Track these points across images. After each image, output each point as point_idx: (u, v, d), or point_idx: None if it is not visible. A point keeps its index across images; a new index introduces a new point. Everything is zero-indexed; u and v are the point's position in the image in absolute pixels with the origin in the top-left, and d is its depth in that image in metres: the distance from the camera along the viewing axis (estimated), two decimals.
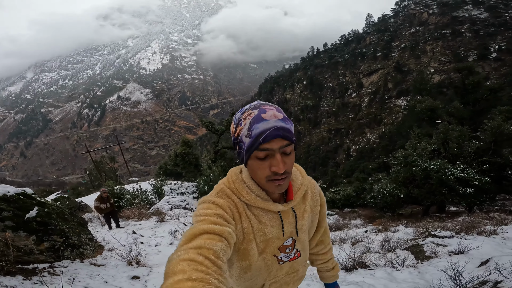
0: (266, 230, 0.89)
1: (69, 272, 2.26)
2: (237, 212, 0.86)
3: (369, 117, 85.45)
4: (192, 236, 0.69)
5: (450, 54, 74.54)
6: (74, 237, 2.71)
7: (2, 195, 2.39)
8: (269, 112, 0.77)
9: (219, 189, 0.89)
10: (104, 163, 30.56)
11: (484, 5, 79.12)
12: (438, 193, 8.95)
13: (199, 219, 0.76)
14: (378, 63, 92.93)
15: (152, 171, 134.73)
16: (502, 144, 9.37)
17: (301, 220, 0.96)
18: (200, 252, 0.62)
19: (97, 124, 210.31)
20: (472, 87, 13.82)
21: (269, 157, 0.77)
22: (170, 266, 0.58)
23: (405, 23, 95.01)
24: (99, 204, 6.58)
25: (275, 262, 0.96)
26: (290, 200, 0.90)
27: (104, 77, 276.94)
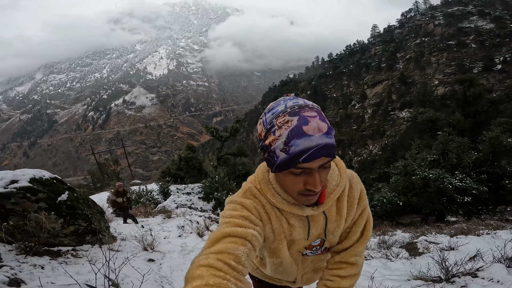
0: (294, 232, 0.86)
1: (90, 255, 2.49)
2: (265, 213, 0.82)
3: (372, 128, 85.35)
4: (215, 240, 0.67)
5: (455, 65, 74.27)
6: (95, 223, 2.97)
7: (39, 178, 2.67)
8: (312, 124, 0.65)
9: (247, 188, 0.84)
10: (108, 165, 30.91)
11: (490, 16, 79.18)
12: (437, 201, 9.13)
13: (225, 221, 0.74)
14: (382, 74, 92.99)
15: (153, 176, 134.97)
16: (500, 155, 9.56)
17: (333, 223, 0.89)
18: (220, 257, 0.61)
19: (101, 127, 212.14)
20: (473, 99, 14.07)
21: (304, 173, 0.69)
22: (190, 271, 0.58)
23: (411, 34, 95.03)
24: (115, 198, 6.66)
25: (299, 256, 0.96)
26: (321, 204, 0.82)
27: (111, 81, 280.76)
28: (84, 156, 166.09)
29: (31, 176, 2.66)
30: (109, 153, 42.69)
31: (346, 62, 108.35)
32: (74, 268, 2.14)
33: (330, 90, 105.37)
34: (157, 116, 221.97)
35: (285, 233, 0.86)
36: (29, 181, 2.55)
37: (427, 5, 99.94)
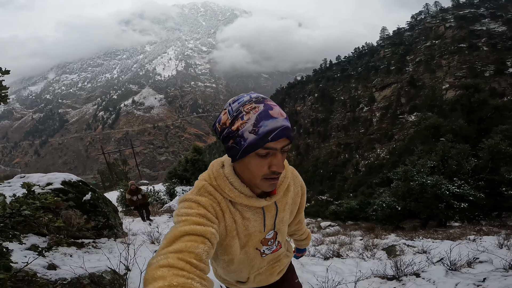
0: (250, 225, 0.88)
1: (107, 247, 2.94)
2: (220, 210, 0.83)
3: (380, 132, 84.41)
4: (173, 239, 0.66)
5: (466, 68, 72.81)
6: (112, 219, 3.43)
7: (68, 180, 3.16)
8: (276, 109, 0.73)
9: (201, 186, 0.84)
10: (117, 165, 31.77)
11: (502, 19, 77.85)
12: (434, 207, 9.31)
13: (181, 219, 0.73)
14: (391, 77, 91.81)
15: (160, 176, 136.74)
16: (499, 162, 9.68)
17: (282, 212, 0.95)
18: (180, 256, 0.60)
19: (111, 127, 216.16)
20: (478, 105, 14.06)
21: (269, 156, 0.74)
22: (150, 272, 0.56)
23: (421, 36, 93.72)
24: (130, 197, 6.68)
25: (258, 255, 0.97)
26: (273, 195, 0.88)
27: (121, 81, 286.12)
28: (93, 155, 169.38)
29: (62, 179, 3.15)
30: (118, 153, 43.60)
31: (355, 64, 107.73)
32: (96, 256, 2.59)
33: (337, 92, 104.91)
34: (165, 117, 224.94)
35: (238, 229, 0.87)
36: (61, 183, 3.05)
37: (437, 8, 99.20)
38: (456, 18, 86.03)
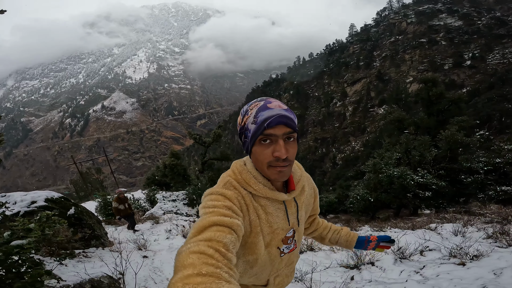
0: (272, 221, 0.90)
1: (97, 255, 3.07)
2: (244, 204, 0.86)
3: (354, 125, 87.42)
4: (201, 228, 0.68)
5: (427, 62, 76.74)
6: (97, 230, 3.53)
7: (51, 197, 3.22)
8: (274, 103, 0.82)
9: (226, 180, 0.88)
10: (90, 174, 30.46)
11: (458, 13, 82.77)
12: (402, 196, 10.10)
13: (208, 211, 0.75)
14: (361, 72, 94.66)
15: (138, 182, 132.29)
16: (456, 152, 10.67)
17: (301, 211, 1.00)
18: (210, 244, 0.62)
19: (80, 135, 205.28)
20: (436, 98, 15.18)
21: (272, 143, 0.80)
22: (180, 259, 0.58)
23: (386, 32, 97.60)
24: (118, 205, 6.52)
25: (277, 255, 0.98)
26: (292, 190, 0.94)
27: (88, 86, 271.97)
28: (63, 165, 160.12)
29: (45, 197, 3.24)
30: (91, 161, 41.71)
31: (326, 61, 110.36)
32: (89, 264, 2.73)
33: (312, 89, 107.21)
34: (138, 121, 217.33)
35: (262, 226, 0.89)
36: (45, 201, 3.12)
37: (400, 4, 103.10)
38: (416, 13, 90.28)
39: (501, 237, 3.81)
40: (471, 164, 10.01)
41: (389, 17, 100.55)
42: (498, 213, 6.33)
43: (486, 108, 45.65)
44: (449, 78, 68.91)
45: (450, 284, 2.46)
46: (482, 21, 77.26)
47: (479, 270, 2.66)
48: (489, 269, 2.64)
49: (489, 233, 4.08)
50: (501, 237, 3.78)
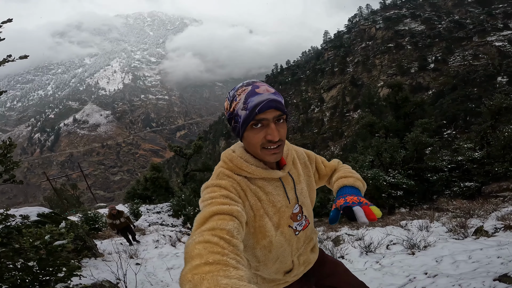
0: (275, 200, 0.91)
1: (91, 265, 3.21)
2: (241, 190, 0.87)
3: (332, 130, 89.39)
4: (203, 220, 0.70)
5: (396, 66, 79.65)
6: (88, 242, 3.65)
7: (42, 212, 3.34)
8: (262, 87, 0.83)
9: (218, 172, 0.90)
10: (65, 190, 29.13)
11: (421, 18, 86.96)
12: (377, 197, 10.78)
13: (207, 203, 0.77)
14: (336, 78, 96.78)
15: (116, 196, 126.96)
16: (422, 152, 11.60)
17: (299, 184, 1.00)
18: (214, 233, 0.63)
19: (51, 150, 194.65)
20: (402, 102, 16.34)
21: (264, 127, 0.83)
22: (188, 251, 0.59)
23: (357, 38, 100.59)
24: (112, 221, 6.40)
25: (292, 234, 0.98)
26: (284, 165, 0.95)
27: (58, 98, 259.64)
28: (34, 181, 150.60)
29: (37, 212, 3.36)
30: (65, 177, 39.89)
31: (303, 68, 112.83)
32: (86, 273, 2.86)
33: (290, 96, 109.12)
34: (114, 134, 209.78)
35: (265, 207, 0.90)
36: (37, 216, 3.23)
37: (369, 10, 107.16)
38: (384, 19, 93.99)
39: (459, 230, 4.37)
40: (435, 163, 10.92)
41: (360, 24, 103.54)
42: (461, 208, 6.99)
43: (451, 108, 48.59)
44: (415, 81, 72.64)
45: (400, 270, 2.97)
46: (442, 24, 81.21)
47: (425, 258, 3.20)
48: (432, 257, 3.19)
49: (449, 227, 4.64)
50: (459, 230, 4.33)
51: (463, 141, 13.14)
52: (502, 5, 73.91)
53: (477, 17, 76.68)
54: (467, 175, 10.92)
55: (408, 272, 2.89)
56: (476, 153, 10.40)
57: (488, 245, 3.18)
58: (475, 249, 3.13)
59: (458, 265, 2.81)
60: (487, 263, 2.66)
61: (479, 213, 5.63)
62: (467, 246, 3.31)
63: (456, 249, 3.31)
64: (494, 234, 3.75)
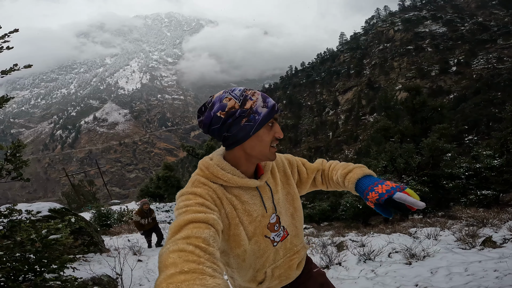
0: (250, 209, 0.90)
1: (96, 260, 3.34)
2: (217, 197, 0.86)
3: (346, 134, 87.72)
4: (178, 228, 0.68)
5: (415, 69, 77.57)
6: (95, 237, 3.80)
7: (53, 208, 3.53)
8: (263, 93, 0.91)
9: (194, 179, 0.90)
10: (82, 186, 30.21)
11: (442, 20, 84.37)
12: None
13: (182, 211, 0.75)
14: (352, 80, 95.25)
15: (131, 193, 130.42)
16: (438, 159, 11.20)
17: (277, 194, 0.99)
18: (189, 241, 0.62)
19: (71, 146, 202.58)
20: (419, 106, 15.80)
21: (273, 126, 0.88)
22: (161, 260, 0.57)
23: (374, 40, 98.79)
24: (140, 219, 5.71)
25: (269, 244, 0.96)
26: (262, 175, 0.95)
27: (80, 97, 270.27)
28: (54, 177, 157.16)
29: (48, 207, 3.56)
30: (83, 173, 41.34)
31: (318, 70, 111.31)
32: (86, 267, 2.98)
33: (304, 98, 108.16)
34: (131, 133, 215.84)
35: (240, 216, 0.89)
36: (48, 211, 3.41)
37: (387, 12, 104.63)
38: (403, 21, 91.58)
39: (468, 239, 4.19)
40: (452, 170, 10.52)
41: (377, 25, 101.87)
42: (475, 217, 6.73)
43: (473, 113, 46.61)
44: (436, 84, 70.19)
45: (392, 280, 2.91)
46: (465, 27, 78.63)
47: (420, 269, 3.12)
48: (428, 268, 3.10)
49: (458, 237, 4.46)
50: (467, 240, 4.16)
51: (482, 147, 12.59)
52: None
53: (501, 19, 74.17)
54: (485, 183, 10.46)
55: (400, 283, 2.84)
56: (495, 160, 9.94)
57: (489, 257, 3.07)
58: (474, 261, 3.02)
59: (452, 277, 2.74)
60: (481, 277, 2.58)
61: (493, 222, 5.39)
62: (467, 258, 3.21)
63: (455, 260, 3.20)
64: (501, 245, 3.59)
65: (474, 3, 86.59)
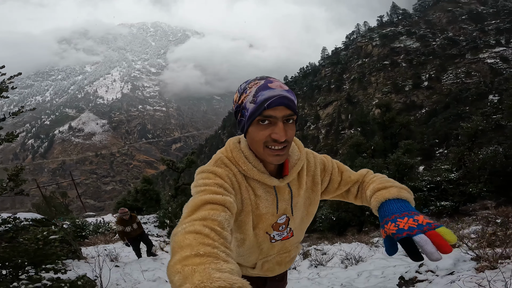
0: (260, 204, 0.88)
1: (74, 265, 3.56)
2: (236, 181, 0.84)
3: (327, 148, 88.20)
4: (195, 207, 0.67)
5: (391, 84, 78.90)
6: (73, 245, 4.01)
7: (35, 217, 3.72)
8: (275, 83, 0.79)
9: (217, 158, 0.87)
10: (55, 198, 28.95)
11: (416, 35, 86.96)
12: (360, 215, 11.17)
13: (200, 190, 0.74)
14: (332, 95, 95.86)
15: (107, 206, 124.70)
16: (404, 173, 12.10)
17: (297, 198, 0.94)
18: (205, 223, 0.61)
19: (43, 157, 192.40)
20: (389, 122, 16.93)
21: (271, 125, 0.77)
22: (177, 240, 0.57)
23: (354, 55, 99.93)
24: (123, 228, 5.44)
25: (266, 240, 0.95)
26: (286, 176, 0.88)
27: (55, 105, 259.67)
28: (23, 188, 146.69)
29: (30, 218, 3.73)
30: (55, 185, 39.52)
31: (300, 84, 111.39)
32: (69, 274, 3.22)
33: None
34: (109, 144, 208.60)
35: (252, 206, 0.87)
36: (31, 221, 3.60)
37: (366, 27, 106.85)
38: (380, 36, 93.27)
39: None
40: (415, 183, 11.41)
41: (357, 40, 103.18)
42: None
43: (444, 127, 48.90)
44: (409, 99, 72.54)
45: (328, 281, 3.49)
46: (436, 42, 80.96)
47: (351, 272, 3.70)
48: (357, 271, 3.68)
49: None
50: None
51: (441, 162, 13.69)
52: (494, 21, 74.41)
53: (470, 33, 76.94)
54: (445, 195, 11.41)
55: (332, 282, 3.40)
56: (452, 174, 10.92)
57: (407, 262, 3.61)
58: (391, 266, 3.58)
59: (369, 279, 3.31)
60: (389, 279, 3.10)
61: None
62: (389, 263, 3.78)
63: (379, 265, 3.79)
64: None
65: (445, 18, 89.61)
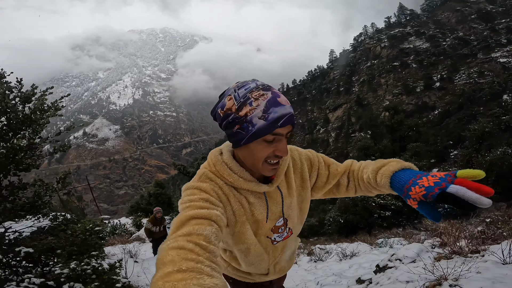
0: (255, 211, 0.87)
1: None
2: (223, 194, 0.83)
3: (337, 151, 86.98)
4: (180, 224, 0.67)
5: (401, 85, 77.54)
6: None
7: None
8: (282, 97, 0.77)
9: (202, 173, 0.86)
10: (71, 202, 29.97)
11: (425, 35, 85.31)
12: (368, 217, 11.27)
13: (185, 206, 0.74)
14: (341, 97, 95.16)
15: (120, 210, 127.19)
16: None
17: (288, 198, 0.94)
18: (189, 239, 0.60)
19: (59, 162, 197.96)
20: (397, 125, 16.91)
21: (275, 141, 0.77)
22: (160, 257, 0.57)
23: (362, 57, 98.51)
24: (151, 227, 5.68)
25: (269, 243, 0.96)
26: (273, 180, 0.88)
27: (70, 111, 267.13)
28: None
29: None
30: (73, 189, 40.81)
31: (309, 87, 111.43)
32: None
33: (296, 116, 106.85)
34: (122, 149, 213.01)
35: (247, 215, 0.87)
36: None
37: (374, 29, 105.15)
38: (389, 37, 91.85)
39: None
40: None
41: (365, 42, 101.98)
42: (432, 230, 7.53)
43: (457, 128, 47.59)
44: (421, 100, 70.25)
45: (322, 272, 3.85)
46: (446, 42, 79.38)
47: (344, 265, 4.04)
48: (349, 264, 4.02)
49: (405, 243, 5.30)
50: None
51: (456, 164, 13.60)
52: (505, 20, 72.61)
53: (480, 33, 75.14)
54: None
55: (325, 272, 3.78)
56: None
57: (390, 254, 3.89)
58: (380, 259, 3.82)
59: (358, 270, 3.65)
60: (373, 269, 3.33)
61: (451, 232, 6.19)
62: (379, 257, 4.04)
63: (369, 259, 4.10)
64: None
65: (455, 18, 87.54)
